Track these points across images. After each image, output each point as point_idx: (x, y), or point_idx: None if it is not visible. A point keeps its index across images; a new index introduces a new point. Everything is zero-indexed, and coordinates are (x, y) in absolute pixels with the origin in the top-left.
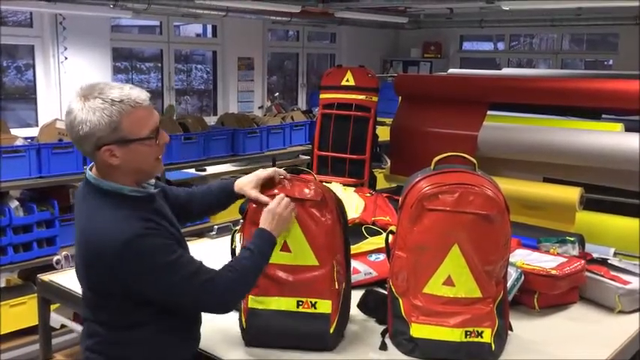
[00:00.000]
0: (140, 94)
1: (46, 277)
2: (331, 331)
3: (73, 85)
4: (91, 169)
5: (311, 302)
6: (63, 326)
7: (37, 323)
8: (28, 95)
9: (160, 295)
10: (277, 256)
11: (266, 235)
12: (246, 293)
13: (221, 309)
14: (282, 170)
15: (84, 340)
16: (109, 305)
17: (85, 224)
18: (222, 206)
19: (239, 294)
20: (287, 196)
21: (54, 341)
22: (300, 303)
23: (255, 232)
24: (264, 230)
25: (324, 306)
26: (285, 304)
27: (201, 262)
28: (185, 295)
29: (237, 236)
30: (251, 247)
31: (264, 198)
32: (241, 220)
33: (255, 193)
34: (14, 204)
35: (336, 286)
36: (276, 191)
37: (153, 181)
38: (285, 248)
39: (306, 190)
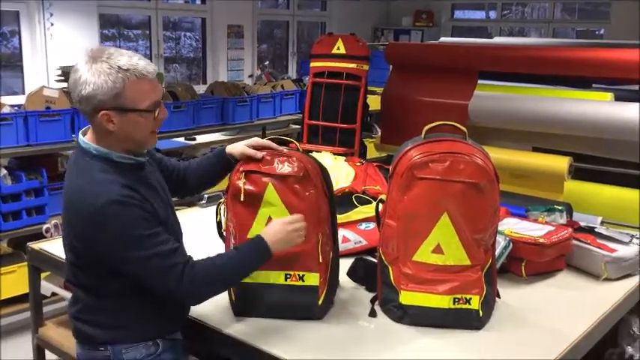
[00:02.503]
0: (147, 67)
1: (36, 245)
2: (319, 302)
3: (59, 53)
4: (83, 134)
5: (299, 275)
6: (54, 294)
7: (27, 291)
8: (14, 62)
9: (126, 267)
10: None
11: (262, 246)
12: (211, 294)
13: (182, 298)
14: (270, 143)
15: (70, 307)
16: (87, 268)
17: (68, 185)
18: (217, 174)
19: (204, 292)
20: (267, 173)
21: (45, 309)
22: (288, 276)
23: (255, 236)
24: (262, 241)
25: (312, 279)
26: (273, 277)
27: (178, 246)
28: (151, 273)
29: (222, 208)
30: (239, 250)
31: (250, 151)
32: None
33: (247, 150)
34: (2, 172)
35: (323, 259)
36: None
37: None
38: None
39: (288, 166)
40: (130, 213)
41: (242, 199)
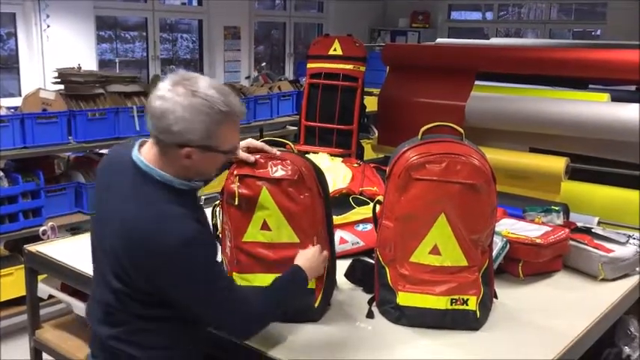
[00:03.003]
0: (241, 107)
1: (33, 247)
2: (316, 305)
3: (56, 54)
4: (138, 149)
5: None
6: (50, 296)
7: (24, 294)
8: (10, 64)
9: (188, 301)
10: (258, 235)
11: (303, 276)
12: (267, 323)
13: (242, 334)
14: (264, 145)
15: (105, 327)
16: (138, 299)
17: (131, 214)
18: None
19: (263, 325)
20: (261, 177)
21: (42, 311)
22: None
23: (294, 268)
24: (299, 269)
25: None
26: (269, 280)
27: (231, 278)
28: (215, 308)
29: (218, 210)
30: (284, 280)
31: (243, 155)
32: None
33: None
34: None
35: None
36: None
37: None
38: (265, 227)
39: (282, 170)
40: (203, 252)
41: (236, 203)
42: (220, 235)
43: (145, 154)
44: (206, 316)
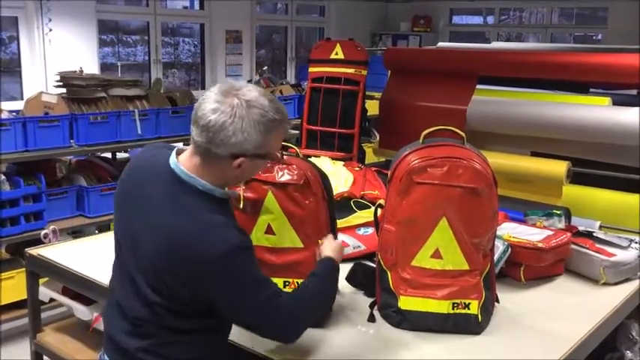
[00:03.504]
0: (285, 110)
1: (34, 251)
2: None
3: (58, 58)
4: (177, 157)
5: (297, 283)
6: (52, 300)
7: (25, 297)
8: (12, 68)
9: (232, 310)
10: (262, 239)
11: (334, 265)
12: (312, 321)
13: (287, 336)
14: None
15: (129, 338)
16: (174, 310)
17: (172, 224)
18: None
19: (307, 323)
20: (267, 181)
21: (43, 315)
22: (287, 283)
23: (324, 260)
24: (331, 259)
25: None
26: None
27: (273, 283)
28: (265, 315)
29: None
30: (317, 273)
31: None
32: None
33: None
34: (0, 178)
35: None
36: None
37: None
38: (270, 231)
39: (288, 174)
40: (248, 258)
41: (241, 207)
42: None
43: (184, 162)
44: (254, 322)
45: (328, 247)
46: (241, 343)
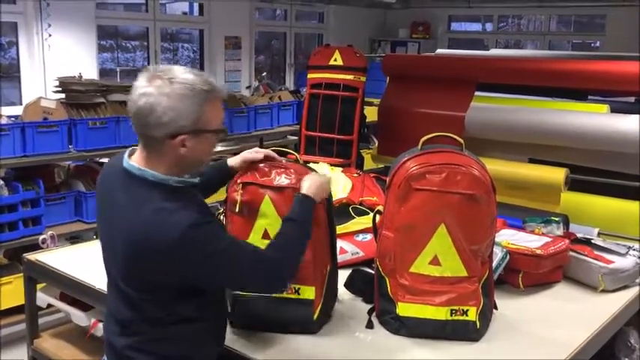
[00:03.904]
0: (221, 86)
1: (32, 256)
2: (314, 317)
3: (57, 63)
4: (129, 156)
5: (294, 288)
6: (49, 305)
7: (23, 303)
8: (11, 73)
9: (217, 280)
10: (259, 243)
11: (303, 198)
12: (297, 265)
13: (281, 279)
14: (270, 152)
15: (118, 338)
16: (156, 300)
17: (129, 219)
18: (216, 184)
19: (291, 268)
20: (264, 185)
21: (40, 320)
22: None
23: (295, 199)
24: (304, 195)
25: (308, 292)
26: None
27: (246, 242)
28: (249, 272)
29: (221, 218)
30: (292, 217)
31: (249, 156)
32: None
33: (242, 157)
34: None
35: (319, 272)
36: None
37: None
38: (266, 236)
39: (286, 178)
40: (209, 230)
41: (237, 210)
42: None
43: (135, 158)
44: (240, 283)
45: (307, 183)
46: (239, 349)
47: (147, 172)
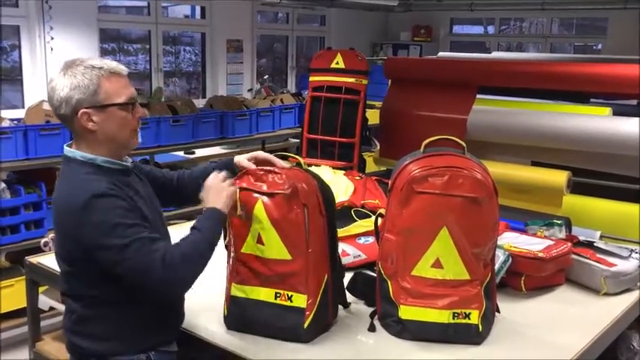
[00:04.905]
0: (119, 65)
1: (34, 259)
2: (305, 325)
3: (59, 67)
4: (70, 146)
5: (287, 295)
6: (51, 308)
7: (25, 305)
8: (13, 76)
9: (107, 256)
10: (254, 248)
11: (211, 211)
12: (192, 273)
13: (165, 283)
14: (271, 157)
15: (64, 320)
16: (81, 275)
17: (55, 194)
18: None
19: (186, 273)
20: (257, 191)
21: (42, 323)
22: (278, 295)
23: (204, 211)
24: (209, 208)
25: (300, 300)
26: (264, 294)
27: (158, 237)
28: (132, 260)
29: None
30: (197, 227)
31: (244, 162)
32: None
33: (243, 161)
34: (1, 186)
35: (312, 281)
36: (245, 182)
37: (129, 159)
38: (260, 241)
39: (277, 183)
40: (112, 203)
41: (238, 214)
42: (227, 245)
43: (71, 145)
44: (122, 267)
45: (209, 193)
46: (235, 350)
47: (77, 153)
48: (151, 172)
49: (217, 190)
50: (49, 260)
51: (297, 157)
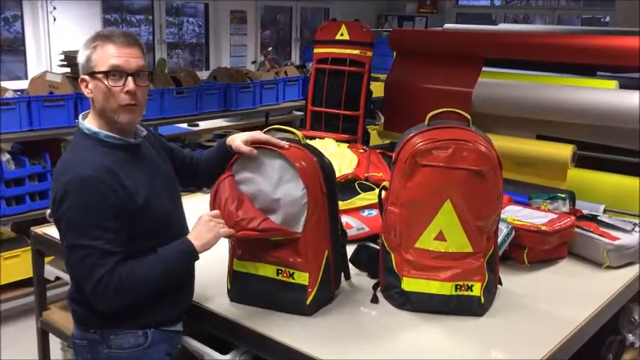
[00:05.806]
0: (115, 31)
1: (40, 229)
2: (308, 302)
3: (62, 37)
4: (85, 115)
5: (289, 272)
6: (57, 278)
7: (31, 275)
8: (16, 47)
9: (64, 245)
10: None
11: (188, 251)
12: (124, 302)
13: (91, 299)
14: (270, 138)
15: (69, 289)
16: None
17: (60, 162)
18: (219, 166)
19: (115, 302)
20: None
21: (49, 293)
22: (280, 271)
23: (183, 240)
24: (188, 243)
25: (302, 277)
26: (266, 270)
27: (117, 251)
28: (75, 262)
29: None
30: (163, 256)
31: (244, 148)
32: None
33: (241, 146)
34: (5, 157)
35: (313, 258)
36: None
37: (143, 131)
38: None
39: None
40: (89, 196)
41: None
42: None
43: (87, 117)
44: (71, 268)
45: (200, 224)
46: (240, 321)
47: (83, 125)
48: (173, 151)
49: (208, 228)
50: (54, 231)
51: (295, 130)
